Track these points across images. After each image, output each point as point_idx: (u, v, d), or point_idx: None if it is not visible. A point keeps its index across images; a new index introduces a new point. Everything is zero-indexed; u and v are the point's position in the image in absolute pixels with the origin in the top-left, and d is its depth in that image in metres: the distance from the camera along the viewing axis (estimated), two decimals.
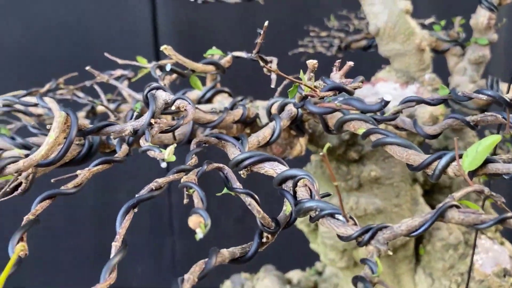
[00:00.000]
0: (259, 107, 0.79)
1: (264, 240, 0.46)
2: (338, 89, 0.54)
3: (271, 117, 0.65)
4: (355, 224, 0.42)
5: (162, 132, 0.51)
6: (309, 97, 0.55)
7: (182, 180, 0.47)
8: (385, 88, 0.99)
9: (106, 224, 1.68)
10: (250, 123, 0.70)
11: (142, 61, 0.78)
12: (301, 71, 0.55)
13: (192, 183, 0.46)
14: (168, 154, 0.44)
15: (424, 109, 0.89)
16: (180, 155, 0.51)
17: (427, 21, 1.18)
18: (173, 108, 0.51)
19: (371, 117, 0.60)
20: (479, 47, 1.08)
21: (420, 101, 0.63)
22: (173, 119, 0.66)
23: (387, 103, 0.54)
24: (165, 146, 0.48)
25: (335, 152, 0.91)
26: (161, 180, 0.47)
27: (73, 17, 1.67)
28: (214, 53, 0.71)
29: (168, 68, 0.64)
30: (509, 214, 0.39)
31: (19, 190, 0.51)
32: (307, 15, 1.44)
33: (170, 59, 0.65)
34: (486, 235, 1.10)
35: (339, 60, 0.59)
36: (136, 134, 0.50)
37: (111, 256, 0.41)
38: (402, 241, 0.97)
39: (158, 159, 0.45)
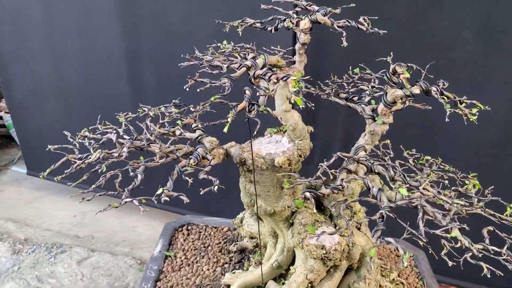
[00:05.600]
0: None
1: None
2: None
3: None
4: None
5: None
6: None
7: None
8: (284, 140, 1.99)
9: None
10: None
11: None
12: None
13: None
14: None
15: (279, 158, 1.89)
16: None
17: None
18: None
19: None
20: (376, 124, 1.93)
21: None
22: None
23: None
24: None
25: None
26: None
27: None
28: None
29: None
30: None
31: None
32: None
33: None
34: (338, 226, 2.05)
35: None
36: None
37: None
38: (277, 210, 2.03)
39: None
